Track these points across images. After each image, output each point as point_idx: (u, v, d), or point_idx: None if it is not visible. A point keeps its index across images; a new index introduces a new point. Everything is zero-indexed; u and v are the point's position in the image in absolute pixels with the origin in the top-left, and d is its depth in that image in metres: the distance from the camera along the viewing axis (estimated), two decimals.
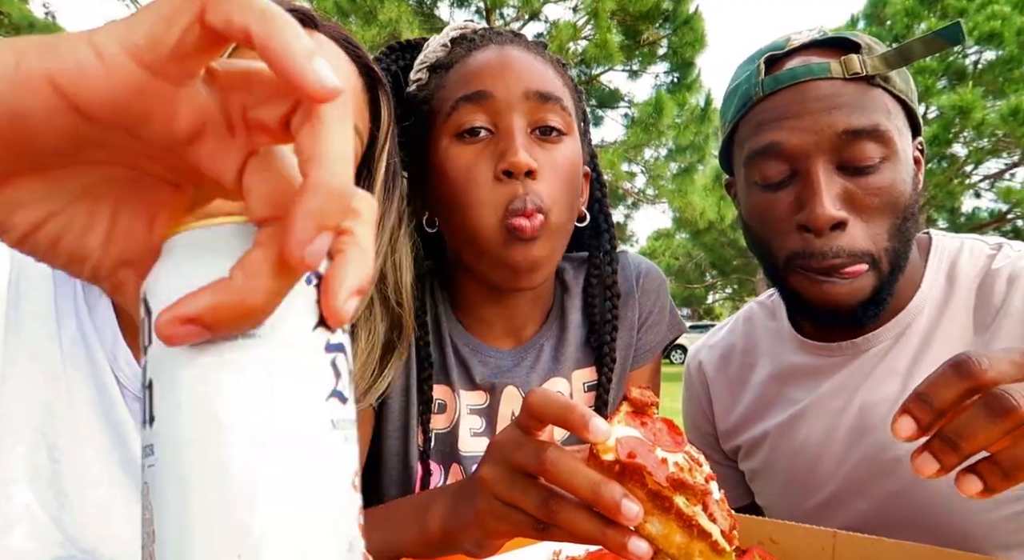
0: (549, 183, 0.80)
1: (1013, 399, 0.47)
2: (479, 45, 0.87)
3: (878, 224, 0.82)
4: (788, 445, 0.94)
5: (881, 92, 0.83)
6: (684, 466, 0.48)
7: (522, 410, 0.51)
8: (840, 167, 0.82)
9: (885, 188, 0.82)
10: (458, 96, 0.82)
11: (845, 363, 0.92)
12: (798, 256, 0.83)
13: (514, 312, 0.92)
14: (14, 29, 10.03)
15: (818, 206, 0.80)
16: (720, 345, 1.08)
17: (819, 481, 0.91)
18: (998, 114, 11.33)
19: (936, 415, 0.50)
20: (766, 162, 0.85)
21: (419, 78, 0.90)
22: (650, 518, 0.46)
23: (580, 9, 10.56)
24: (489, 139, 0.81)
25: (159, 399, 0.26)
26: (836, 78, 0.82)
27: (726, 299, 28.82)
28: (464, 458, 0.88)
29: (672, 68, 11.57)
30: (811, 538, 0.65)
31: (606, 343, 0.91)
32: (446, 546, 0.61)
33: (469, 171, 0.80)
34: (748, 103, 0.87)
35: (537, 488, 0.50)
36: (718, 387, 1.05)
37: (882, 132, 0.81)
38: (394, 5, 9.34)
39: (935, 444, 0.50)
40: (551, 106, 0.82)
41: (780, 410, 0.96)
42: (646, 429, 0.49)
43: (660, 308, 0.98)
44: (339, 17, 9.85)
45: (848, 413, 0.89)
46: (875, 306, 0.84)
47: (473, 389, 0.90)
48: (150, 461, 0.27)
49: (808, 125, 0.82)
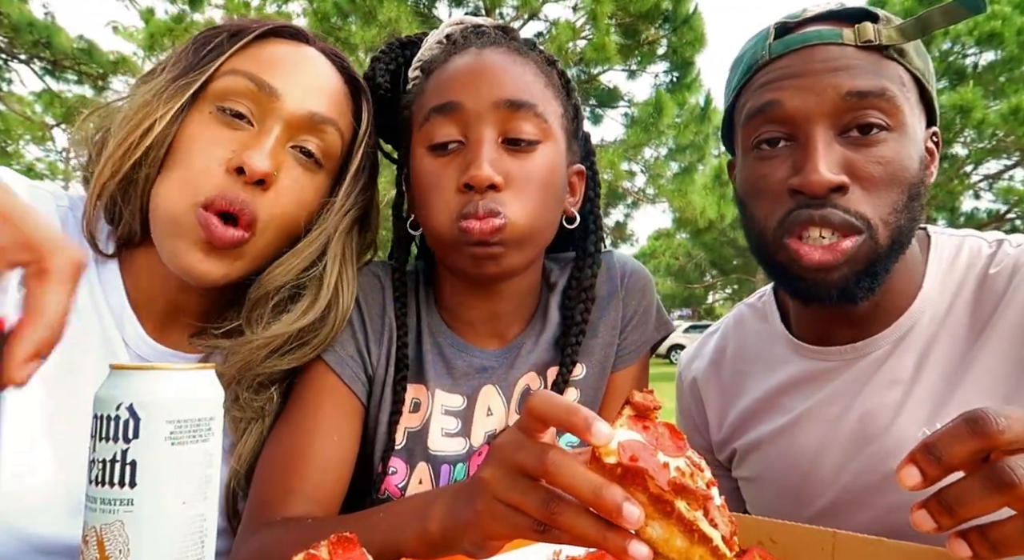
0: (518, 193, 0.80)
1: (1015, 475, 0.46)
2: (459, 48, 0.87)
3: (880, 195, 0.77)
4: (782, 453, 0.91)
5: (895, 65, 0.79)
6: (686, 471, 0.48)
7: (524, 412, 0.51)
8: (842, 135, 0.78)
9: (889, 158, 0.77)
10: (430, 106, 0.82)
11: (843, 368, 0.88)
12: (788, 217, 0.79)
13: (498, 314, 0.92)
14: (14, 29, 10.03)
15: (813, 171, 0.76)
16: (709, 353, 1.05)
17: (815, 491, 0.88)
18: (998, 114, 11.33)
19: (943, 471, 0.49)
20: (764, 123, 0.81)
21: (416, 77, 0.90)
22: (651, 522, 0.46)
23: (580, 8, 10.56)
24: (458, 150, 0.81)
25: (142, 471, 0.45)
26: (847, 44, 0.79)
27: (726, 299, 28.81)
28: (433, 457, 0.88)
29: (672, 68, 11.56)
30: (811, 538, 0.65)
31: (570, 345, 0.91)
32: (446, 546, 0.61)
33: (437, 180, 0.82)
34: (753, 66, 0.84)
35: (538, 490, 0.50)
36: (711, 398, 1.03)
37: (890, 97, 0.77)
38: (393, 5, 9.34)
39: (933, 504, 0.50)
40: (523, 114, 0.81)
41: (775, 417, 0.93)
42: (648, 433, 0.49)
43: (646, 308, 0.97)
44: (339, 17, 9.85)
45: (846, 421, 0.86)
46: (869, 279, 0.79)
47: (452, 391, 0.90)
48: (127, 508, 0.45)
49: (810, 84, 0.78)
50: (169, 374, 0.48)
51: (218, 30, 0.83)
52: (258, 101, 0.79)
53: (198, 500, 0.47)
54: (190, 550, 0.47)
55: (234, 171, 0.76)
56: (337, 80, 0.86)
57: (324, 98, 0.83)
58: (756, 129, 0.82)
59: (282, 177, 0.80)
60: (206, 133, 0.78)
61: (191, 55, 0.81)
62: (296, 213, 0.83)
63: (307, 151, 0.82)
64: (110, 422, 0.46)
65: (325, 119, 0.82)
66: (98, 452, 0.46)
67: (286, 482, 0.78)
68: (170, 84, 0.78)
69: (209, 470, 0.48)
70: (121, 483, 0.45)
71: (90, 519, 0.46)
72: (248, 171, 0.76)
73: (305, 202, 0.84)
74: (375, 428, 0.88)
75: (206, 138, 0.77)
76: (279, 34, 0.85)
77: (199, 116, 0.78)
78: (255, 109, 0.79)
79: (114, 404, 0.46)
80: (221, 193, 0.76)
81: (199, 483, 0.48)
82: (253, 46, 0.82)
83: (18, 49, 10.71)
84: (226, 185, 0.76)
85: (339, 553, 0.51)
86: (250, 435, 0.83)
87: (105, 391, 0.47)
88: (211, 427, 0.49)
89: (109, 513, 0.45)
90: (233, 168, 0.76)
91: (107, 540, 0.45)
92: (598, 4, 9.84)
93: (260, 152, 0.77)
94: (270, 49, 0.82)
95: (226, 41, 0.81)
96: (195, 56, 0.80)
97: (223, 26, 0.84)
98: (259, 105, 0.79)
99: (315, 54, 0.86)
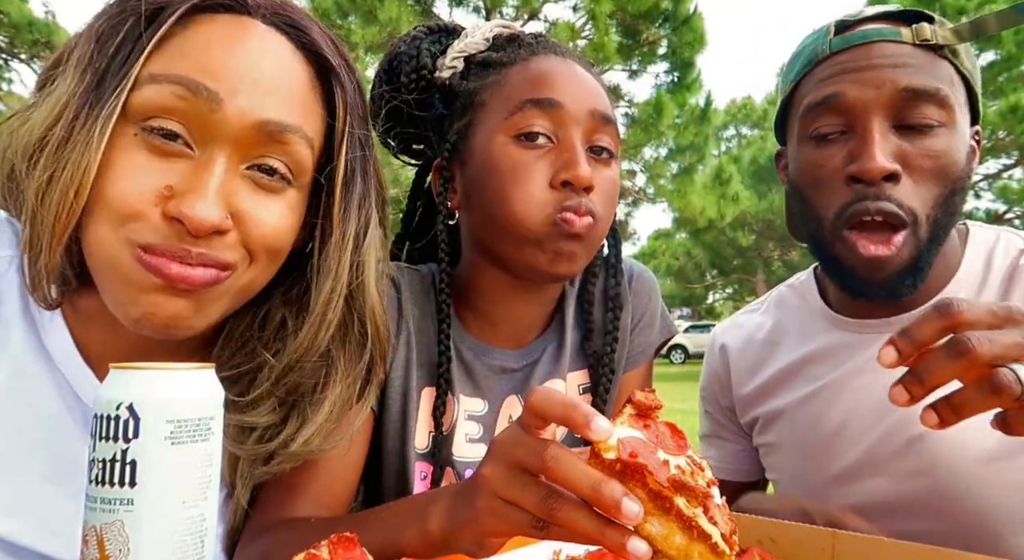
0: (600, 199, 0.83)
1: (971, 342, 0.55)
2: (539, 50, 0.88)
3: (927, 188, 0.83)
4: (807, 420, 0.95)
5: (948, 64, 0.84)
6: (686, 469, 0.48)
7: (525, 408, 0.51)
8: (897, 127, 0.83)
9: (940, 152, 0.82)
10: (525, 98, 0.82)
11: (876, 341, 0.92)
12: (848, 209, 0.84)
13: (523, 315, 0.93)
14: (14, 29, 10.03)
15: (870, 159, 0.81)
16: (747, 324, 1.10)
17: (837, 454, 0.92)
18: (996, 113, 11.34)
19: (916, 347, 0.58)
20: (824, 114, 0.86)
21: (454, 66, 0.90)
22: (650, 518, 0.46)
23: (580, 8, 10.56)
24: (549, 147, 0.82)
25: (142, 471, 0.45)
26: (905, 42, 0.84)
27: (726, 299, 28.81)
28: (457, 462, 0.89)
29: (672, 68, 11.57)
30: (811, 538, 0.65)
31: (606, 354, 0.92)
32: (446, 545, 0.61)
33: (526, 173, 0.81)
34: (813, 60, 0.89)
35: (537, 486, 0.50)
36: (739, 361, 1.07)
37: (943, 97, 0.82)
38: (394, 4, 9.35)
39: (906, 378, 0.58)
40: (609, 129, 0.85)
41: (802, 385, 0.97)
42: (649, 432, 0.50)
43: (652, 310, 0.99)
44: (339, 16, 9.84)
45: (874, 390, 0.89)
46: (912, 276, 0.85)
47: (473, 395, 0.91)
48: (127, 507, 0.45)
49: (870, 78, 0.83)
50: (169, 374, 0.48)
51: (123, 8, 0.62)
52: (194, 113, 0.60)
53: (198, 500, 0.47)
54: (190, 550, 0.47)
55: (172, 220, 0.59)
56: (298, 65, 0.66)
57: (280, 97, 0.63)
58: (815, 120, 0.88)
59: (244, 209, 0.62)
60: (133, 162, 0.59)
61: (96, 54, 0.61)
62: (278, 243, 0.66)
63: (267, 168, 0.64)
64: (110, 422, 0.46)
65: (284, 127, 0.63)
66: (98, 452, 0.46)
67: (292, 485, 0.78)
68: (80, 100, 0.60)
69: (209, 470, 0.48)
70: (121, 483, 0.45)
71: (90, 519, 0.46)
72: (191, 226, 0.58)
73: (282, 229, 0.66)
74: (399, 433, 0.88)
75: (133, 169, 0.59)
76: (208, 7, 0.63)
77: (122, 140, 0.59)
78: (191, 125, 0.60)
79: (114, 404, 0.46)
80: (166, 245, 0.59)
81: (199, 483, 0.48)
82: (177, 31, 0.61)
83: (18, 49, 10.71)
84: (169, 236, 0.59)
85: (339, 553, 0.51)
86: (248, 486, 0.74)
87: (105, 391, 0.47)
88: (211, 427, 0.49)
89: (109, 513, 0.45)
90: (171, 217, 0.59)
91: (107, 540, 0.45)
92: (597, 4, 9.84)
93: (204, 198, 0.59)
94: (201, 33, 0.62)
95: (137, 29, 0.61)
96: (102, 55, 0.61)
97: (129, 2, 0.62)
98: (195, 119, 0.60)
99: (264, 32, 0.64)
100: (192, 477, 0.47)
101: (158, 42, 0.60)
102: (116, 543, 0.45)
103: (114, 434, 0.46)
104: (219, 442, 0.50)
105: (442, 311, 0.87)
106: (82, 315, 0.68)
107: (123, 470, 0.45)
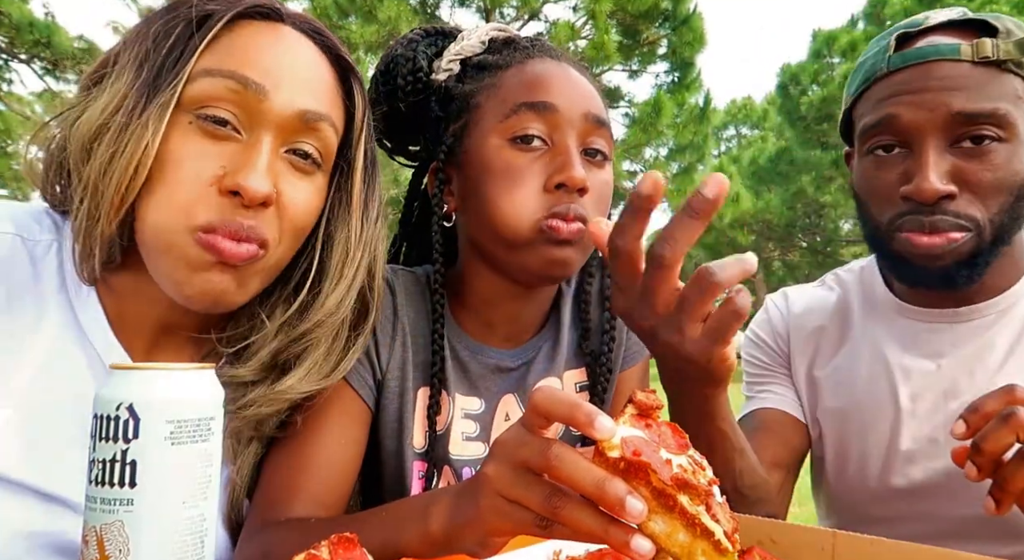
0: (593, 202, 0.83)
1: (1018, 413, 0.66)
2: (535, 53, 0.88)
3: (989, 198, 0.84)
4: (873, 398, 0.97)
5: (1011, 77, 0.84)
6: (688, 468, 0.48)
7: (528, 408, 0.51)
8: (954, 145, 0.84)
9: (999, 165, 0.83)
10: (520, 101, 0.83)
11: (944, 330, 0.95)
12: (901, 218, 0.86)
13: (519, 315, 0.93)
14: (14, 29, 10.03)
15: (924, 180, 0.83)
16: (809, 291, 1.11)
17: (898, 432, 0.94)
18: None
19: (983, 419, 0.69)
20: (880, 135, 0.88)
21: (450, 69, 0.91)
22: (653, 516, 0.46)
23: (580, 8, 10.56)
24: (544, 150, 0.83)
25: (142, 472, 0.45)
26: (964, 61, 0.84)
27: None
28: (454, 461, 0.89)
29: (672, 68, 11.57)
30: (811, 538, 0.65)
31: (603, 353, 0.93)
32: (448, 545, 0.61)
33: (520, 176, 0.81)
34: (872, 77, 0.90)
35: (541, 485, 0.50)
36: (803, 319, 1.07)
37: (1001, 115, 0.83)
38: (393, 4, 9.35)
39: (970, 452, 0.69)
40: (603, 131, 0.86)
41: (868, 362, 0.99)
42: (651, 431, 0.50)
43: None
44: (339, 16, 9.85)
45: (941, 377, 0.92)
46: (969, 269, 0.86)
47: (469, 394, 0.91)
48: (127, 508, 0.45)
49: (924, 101, 0.84)
50: (169, 374, 0.48)
51: (174, 15, 0.72)
52: (243, 103, 0.69)
53: (198, 500, 0.47)
54: (190, 550, 0.47)
55: (228, 194, 0.68)
56: (324, 64, 0.77)
57: (314, 90, 0.74)
58: (872, 138, 0.90)
59: (282, 188, 0.72)
60: (189, 147, 0.68)
61: (152, 52, 0.70)
62: (305, 222, 0.76)
63: (303, 152, 0.74)
64: (110, 422, 0.46)
65: (319, 116, 0.73)
66: (98, 452, 0.46)
67: (290, 484, 0.78)
68: (138, 92, 0.68)
69: (209, 470, 0.48)
70: (121, 483, 0.45)
71: (90, 519, 0.46)
72: (247, 196, 0.67)
73: (311, 210, 0.76)
74: (396, 433, 0.88)
75: (191, 153, 0.68)
76: (248, 14, 0.73)
77: (178, 128, 0.68)
78: (240, 113, 0.69)
79: (114, 404, 0.46)
80: (222, 220, 0.67)
81: (199, 483, 0.48)
82: (223, 34, 0.71)
83: (18, 49, 10.71)
84: (225, 210, 0.68)
85: (339, 553, 0.51)
86: (248, 454, 0.79)
87: (105, 391, 0.47)
88: (211, 427, 0.49)
89: (109, 513, 0.45)
90: (227, 190, 0.67)
91: (107, 540, 0.45)
92: (597, 4, 9.84)
93: (256, 171, 0.68)
94: (244, 36, 0.72)
95: (188, 30, 0.70)
96: (157, 53, 0.69)
97: (179, 9, 0.72)
98: (244, 108, 0.69)
99: (296, 36, 0.75)
100: (192, 477, 0.47)
101: (208, 43, 0.70)
102: (116, 543, 0.45)
103: (114, 434, 0.46)
104: (219, 442, 0.50)
105: (436, 311, 0.88)
106: (115, 292, 0.74)
107: (123, 470, 0.45)
